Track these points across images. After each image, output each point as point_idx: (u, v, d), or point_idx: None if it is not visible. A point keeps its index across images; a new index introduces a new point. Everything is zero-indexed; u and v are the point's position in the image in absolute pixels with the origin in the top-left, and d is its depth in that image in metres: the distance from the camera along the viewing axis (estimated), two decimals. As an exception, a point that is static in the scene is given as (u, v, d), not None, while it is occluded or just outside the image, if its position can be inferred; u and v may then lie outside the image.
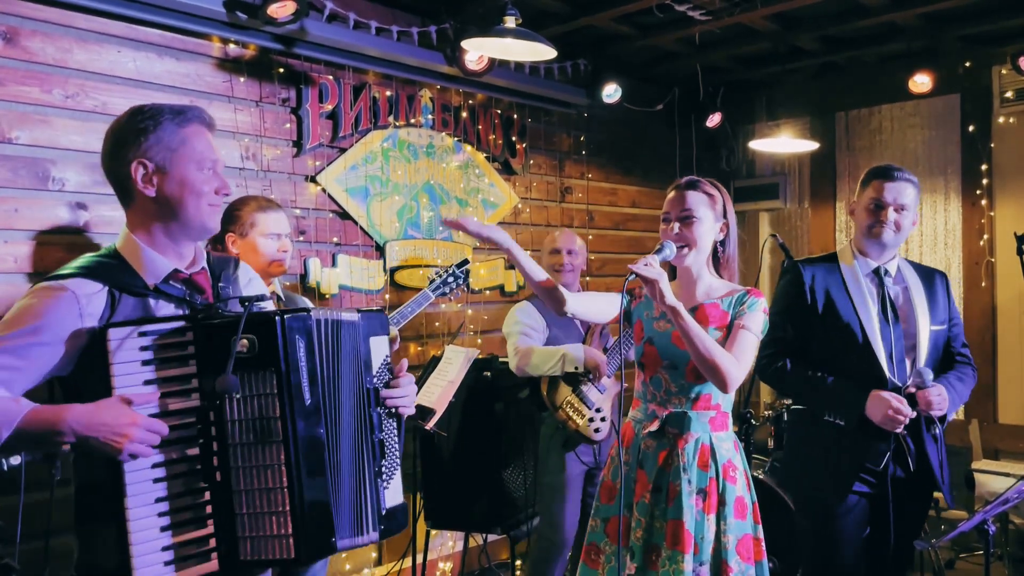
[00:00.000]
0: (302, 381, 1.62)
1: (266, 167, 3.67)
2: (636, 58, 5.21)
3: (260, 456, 1.59)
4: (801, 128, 5.40)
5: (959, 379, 2.72)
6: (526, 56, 3.75)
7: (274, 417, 1.59)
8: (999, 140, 4.98)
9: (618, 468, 2.38)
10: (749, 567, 2.27)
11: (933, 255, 5.24)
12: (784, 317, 2.72)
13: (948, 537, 2.67)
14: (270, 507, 1.59)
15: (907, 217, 2.67)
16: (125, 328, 1.58)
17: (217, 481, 1.60)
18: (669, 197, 2.41)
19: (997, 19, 4.46)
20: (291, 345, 1.61)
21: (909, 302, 2.70)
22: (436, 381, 3.44)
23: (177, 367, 1.60)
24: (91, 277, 1.65)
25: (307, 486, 1.60)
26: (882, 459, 2.60)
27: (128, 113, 1.72)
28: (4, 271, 2.93)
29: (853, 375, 2.62)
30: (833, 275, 2.71)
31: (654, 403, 2.37)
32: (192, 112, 1.74)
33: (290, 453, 1.59)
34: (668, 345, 2.34)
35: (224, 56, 3.54)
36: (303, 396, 1.62)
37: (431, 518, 3.79)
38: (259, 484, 1.59)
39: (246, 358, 1.58)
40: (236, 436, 1.60)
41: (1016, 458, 4.78)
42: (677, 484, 2.26)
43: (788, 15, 4.53)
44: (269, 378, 1.59)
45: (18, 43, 2.98)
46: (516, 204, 4.77)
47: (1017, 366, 4.93)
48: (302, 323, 1.64)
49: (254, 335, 1.58)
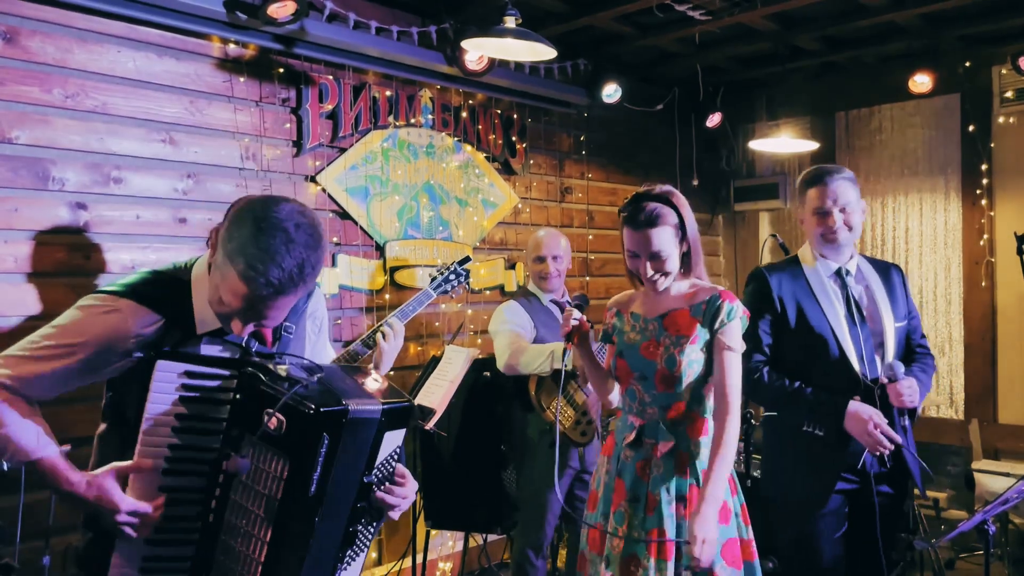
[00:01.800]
0: (312, 476, 1.60)
1: (266, 167, 3.67)
2: (636, 58, 5.21)
3: (250, 523, 1.62)
4: (801, 128, 5.41)
5: (922, 370, 2.74)
6: (526, 56, 3.74)
7: (275, 498, 1.59)
8: (999, 140, 4.98)
9: (600, 477, 2.43)
10: (736, 571, 2.24)
11: (933, 255, 5.24)
12: (758, 327, 2.72)
13: (948, 537, 2.67)
14: (242, 570, 1.62)
15: (854, 214, 2.68)
16: (175, 363, 1.61)
17: (208, 521, 1.64)
18: (632, 235, 2.31)
19: (997, 19, 4.46)
20: (314, 442, 1.58)
21: (873, 300, 2.71)
22: (436, 381, 3.44)
23: (211, 407, 1.64)
24: (152, 306, 1.67)
25: (281, 571, 1.61)
26: (859, 458, 2.60)
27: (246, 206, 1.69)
28: (4, 271, 2.93)
29: (827, 378, 2.62)
30: (799, 280, 2.71)
31: (632, 414, 2.38)
32: None
33: (276, 536, 1.60)
34: (637, 357, 2.35)
35: (224, 56, 3.54)
36: (308, 489, 1.60)
37: (431, 518, 3.79)
38: (241, 546, 1.62)
39: (272, 435, 1.58)
40: (238, 495, 1.62)
41: (1016, 458, 4.78)
42: (656, 494, 2.26)
43: (788, 15, 4.53)
44: (283, 464, 1.59)
45: (18, 43, 2.98)
46: (516, 204, 4.77)
47: (1017, 366, 4.93)
48: (335, 421, 1.59)
49: (286, 419, 1.57)
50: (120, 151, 3.20)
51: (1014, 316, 4.94)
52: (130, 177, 3.24)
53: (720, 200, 6.16)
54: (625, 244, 2.36)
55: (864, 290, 2.72)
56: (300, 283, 1.59)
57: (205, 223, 3.41)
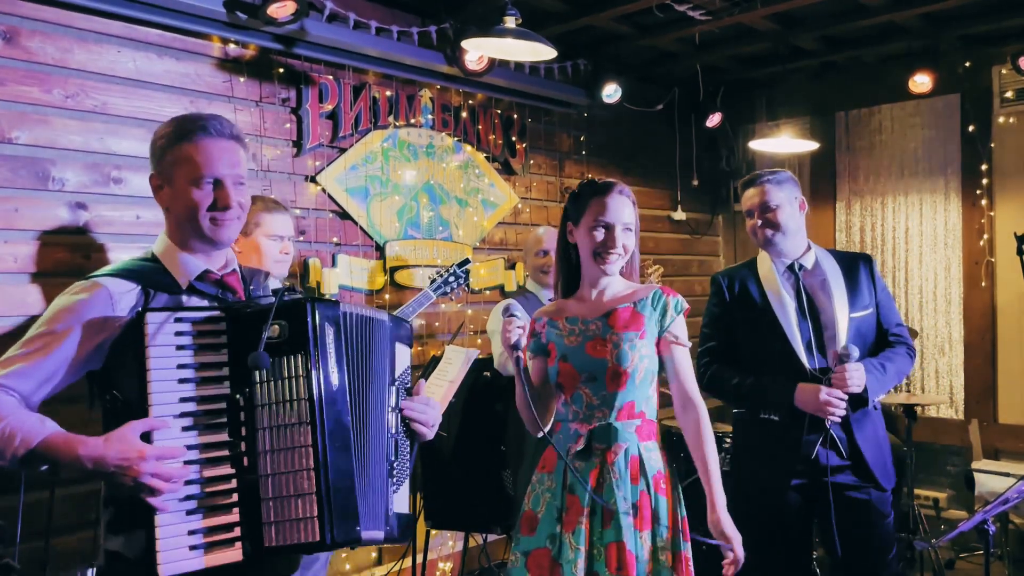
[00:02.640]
0: (330, 364, 1.65)
1: (266, 167, 3.67)
2: (636, 58, 5.21)
3: (287, 438, 1.60)
4: (801, 128, 5.40)
5: (886, 360, 2.74)
6: (526, 56, 3.74)
7: (302, 399, 1.61)
8: (999, 140, 4.98)
9: (539, 496, 2.23)
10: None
11: (933, 255, 5.24)
12: (712, 328, 2.89)
13: (948, 537, 2.68)
14: (296, 490, 1.59)
15: (783, 212, 2.75)
16: (163, 313, 1.61)
17: (244, 467, 1.60)
18: (616, 205, 2.25)
19: (997, 19, 4.46)
20: (321, 330, 1.64)
21: (827, 292, 2.75)
22: (436, 381, 3.44)
23: (211, 354, 1.63)
24: (125, 277, 1.71)
25: (333, 468, 1.61)
26: (813, 448, 2.67)
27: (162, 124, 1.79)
28: (4, 271, 2.93)
29: (776, 367, 2.71)
30: (751, 277, 2.84)
31: (576, 421, 2.22)
32: (199, 124, 1.74)
33: (317, 435, 1.60)
34: (583, 357, 2.21)
35: (224, 56, 3.54)
36: (331, 379, 1.65)
37: (431, 518, 3.79)
38: (286, 467, 1.59)
39: (277, 343, 1.61)
40: (264, 421, 1.61)
41: (1016, 458, 4.78)
42: (612, 503, 2.12)
43: (788, 15, 4.53)
44: (299, 360, 1.61)
45: (18, 43, 2.98)
46: (516, 204, 4.77)
47: (1017, 366, 4.93)
48: (333, 311, 1.68)
49: (285, 320, 1.62)
50: (120, 151, 3.20)
51: (1014, 316, 4.94)
52: (130, 177, 3.24)
53: (720, 200, 6.16)
54: (587, 221, 2.25)
55: (820, 283, 2.77)
56: (221, 122, 1.75)
57: (205, 223, 3.41)
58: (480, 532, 4.01)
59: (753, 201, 2.79)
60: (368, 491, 1.70)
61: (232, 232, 1.79)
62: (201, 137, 1.73)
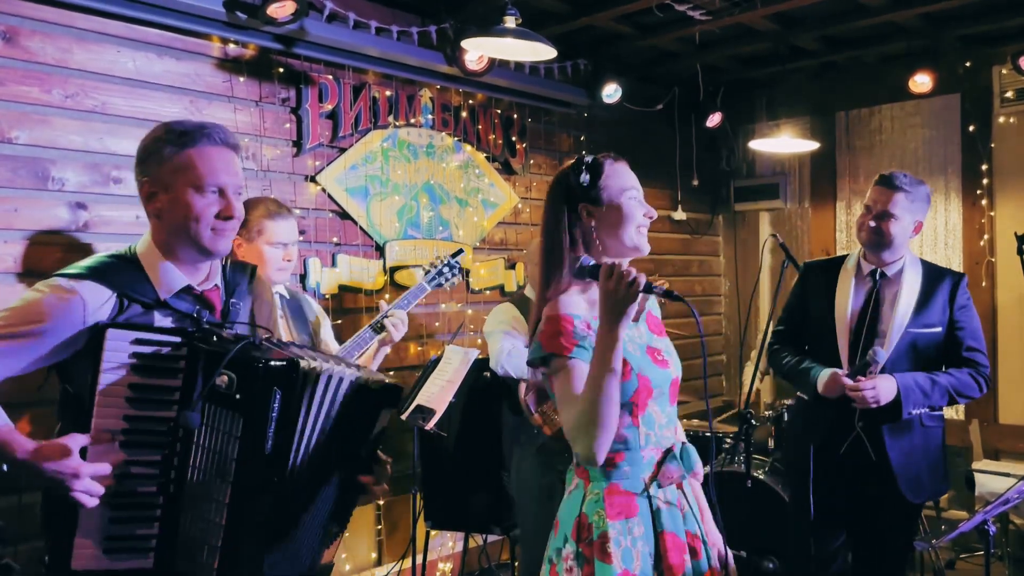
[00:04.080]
0: (267, 432, 1.61)
1: (266, 167, 3.67)
2: (636, 58, 5.21)
3: (211, 488, 1.62)
4: (801, 128, 5.40)
5: (938, 376, 2.77)
6: (526, 56, 3.74)
7: (231, 459, 1.60)
8: (999, 140, 4.98)
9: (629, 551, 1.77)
10: None
11: (933, 255, 5.24)
12: (787, 311, 3.13)
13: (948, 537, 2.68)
14: (203, 536, 1.62)
15: (895, 225, 2.77)
16: (125, 331, 1.60)
17: (170, 492, 1.63)
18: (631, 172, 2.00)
19: (997, 19, 4.46)
20: (265, 397, 1.60)
21: (894, 303, 2.82)
22: (436, 381, 3.44)
23: (164, 378, 1.63)
24: (103, 282, 1.68)
25: (244, 535, 1.61)
26: (842, 446, 2.83)
27: (153, 129, 1.76)
28: (4, 271, 2.93)
29: (822, 360, 2.88)
30: (831, 275, 2.96)
31: (649, 447, 1.84)
32: (201, 132, 1.72)
33: (232, 497, 1.60)
34: (653, 368, 1.87)
35: (224, 56, 3.54)
36: (264, 446, 1.61)
37: (431, 518, 3.79)
38: (204, 513, 1.62)
39: (223, 393, 1.60)
40: (198, 460, 1.62)
41: (1016, 458, 4.78)
42: (696, 532, 1.87)
43: (788, 15, 4.53)
44: (236, 420, 1.60)
45: (18, 43, 2.97)
46: (516, 204, 4.77)
47: (1017, 366, 4.92)
48: (286, 375, 1.61)
49: (235, 374, 1.59)
50: (120, 151, 3.20)
51: (1014, 316, 4.93)
52: (130, 177, 3.18)
53: (720, 200, 6.16)
54: (614, 192, 1.91)
55: (892, 294, 2.83)
56: (223, 131, 1.73)
57: (205, 223, 3.41)
58: (480, 532, 4.01)
59: (878, 200, 2.80)
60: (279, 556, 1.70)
61: (229, 244, 1.77)
62: (205, 144, 1.71)
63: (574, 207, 1.94)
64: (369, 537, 4.09)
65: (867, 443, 2.77)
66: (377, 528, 4.11)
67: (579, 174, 1.95)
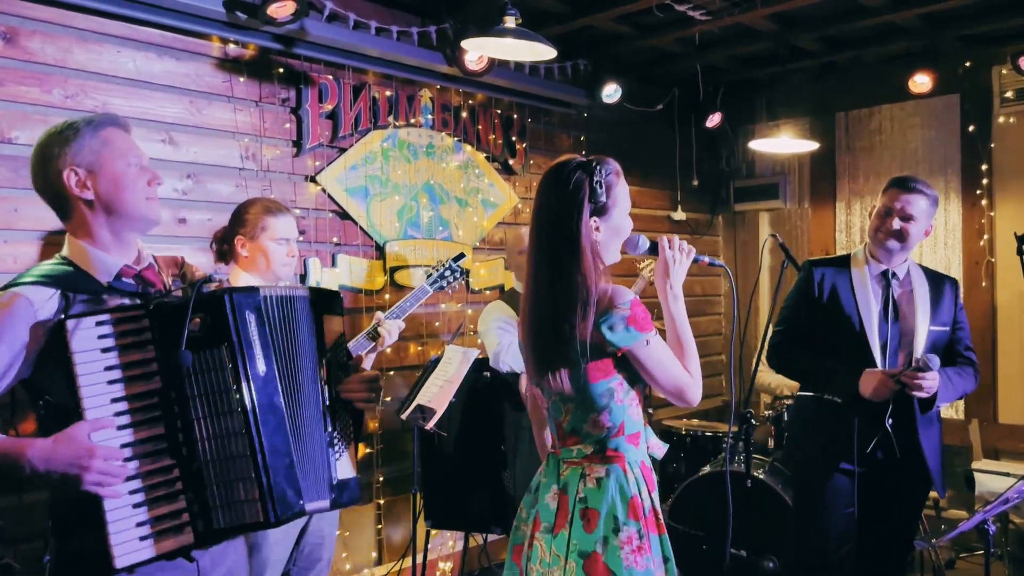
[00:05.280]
0: (256, 350, 1.70)
1: (266, 167, 3.67)
2: (636, 58, 5.21)
3: (223, 426, 1.66)
4: (801, 128, 5.40)
5: (957, 373, 2.88)
6: (526, 56, 3.74)
7: (231, 388, 1.66)
8: (999, 140, 4.98)
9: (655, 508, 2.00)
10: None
11: (933, 255, 5.24)
12: (793, 310, 3.03)
13: (948, 537, 2.69)
14: (237, 474, 1.65)
15: (915, 227, 2.84)
16: (84, 319, 1.62)
17: (184, 456, 1.65)
18: None
19: (997, 19, 4.46)
20: (241, 320, 1.69)
21: (911, 302, 2.87)
22: (436, 381, 3.44)
23: (137, 352, 1.65)
24: (43, 284, 1.69)
25: (269, 451, 1.68)
26: (869, 443, 2.79)
27: (45, 132, 1.79)
28: (4, 271, 2.93)
29: (848, 363, 2.82)
30: (842, 275, 2.95)
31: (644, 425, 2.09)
32: (105, 118, 1.80)
33: (249, 421, 1.66)
34: None
35: (224, 56, 3.54)
36: (256, 365, 1.70)
37: (431, 518, 3.79)
38: (225, 453, 1.66)
39: (200, 336, 1.65)
40: (198, 410, 1.66)
41: (1016, 458, 4.78)
42: None
43: (788, 15, 4.53)
44: (223, 352, 1.66)
45: (18, 43, 2.98)
46: (516, 204, 4.77)
47: (1017, 366, 4.92)
48: (251, 299, 1.74)
49: (205, 313, 1.66)
50: (120, 151, 3.20)
51: (1014, 316, 4.93)
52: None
53: (720, 200, 6.16)
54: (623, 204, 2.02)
55: (907, 293, 2.89)
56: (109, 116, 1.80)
57: (205, 223, 3.41)
58: (480, 532, 4.01)
59: (899, 202, 2.84)
60: (308, 466, 1.77)
61: (161, 212, 1.84)
62: (111, 126, 1.79)
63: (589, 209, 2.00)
64: (369, 536, 4.10)
65: (894, 440, 2.80)
66: (377, 527, 4.11)
67: (599, 184, 1.98)
